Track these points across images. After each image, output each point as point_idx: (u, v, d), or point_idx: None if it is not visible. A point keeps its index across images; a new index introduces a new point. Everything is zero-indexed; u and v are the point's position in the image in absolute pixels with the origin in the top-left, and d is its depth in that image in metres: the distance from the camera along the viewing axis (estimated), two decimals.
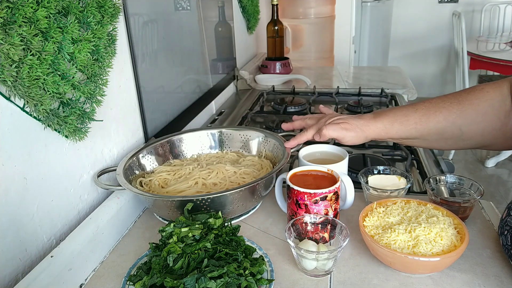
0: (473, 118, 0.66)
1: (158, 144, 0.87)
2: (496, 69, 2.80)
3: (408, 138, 0.72)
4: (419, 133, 0.70)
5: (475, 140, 0.69)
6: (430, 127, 0.69)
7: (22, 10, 0.52)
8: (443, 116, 0.68)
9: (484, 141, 0.68)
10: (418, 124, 0.69)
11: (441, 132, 0.69)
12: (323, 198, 0.64)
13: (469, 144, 0.70)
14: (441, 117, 0.68)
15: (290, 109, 1.39)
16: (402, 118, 0.71)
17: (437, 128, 0.68)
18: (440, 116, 0.68)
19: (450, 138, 0.69)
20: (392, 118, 0.71)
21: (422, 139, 0.71)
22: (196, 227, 0.60)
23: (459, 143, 0.70)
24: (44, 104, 0.58)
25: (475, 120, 0.66)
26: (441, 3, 3.81)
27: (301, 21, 2.17)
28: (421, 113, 0.69)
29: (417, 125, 0.70)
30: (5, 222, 0.55)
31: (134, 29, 0.86)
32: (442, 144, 0.72)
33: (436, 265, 0.57)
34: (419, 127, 0.69)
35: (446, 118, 0.67)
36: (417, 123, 0.69)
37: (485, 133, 0.67)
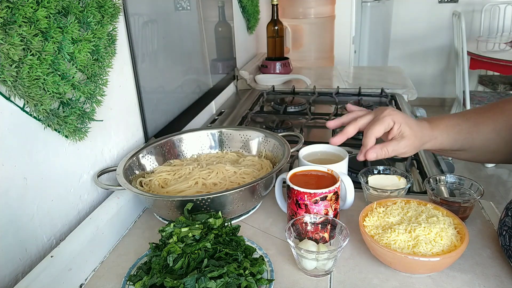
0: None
1: (158, 144, 0.87)
2: (496, 69, 2.80)
3: (458, 150, 0.70)
4: (470, 144, 0.68)
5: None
6: (481, 137, 0.67)
7: (22, 10, 0.52)
8: (491, 126, 0.67)
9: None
10: (470, 134, 0.67)
11: (488, 144, 0.67)
12: (323, 198, 0.64)
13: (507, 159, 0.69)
14: (490, 128, 0.67)
15: (290, 109, 1.39)
16: (456, 127, 0.68)
17: (487, 139, 0.67)
18: (489, 127, 0.67)
19: (495, 151, 0.68)
20: (447, 127, 0.68)
21: (470, 151, 0.70)
22: (196, 227, 0.60)
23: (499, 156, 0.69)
24: (44, 104, 0.58)
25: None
26: (441, 3, 3.81)
27: (301, 21, 2.17)
28: (472, 123, 0.68)
29: (469, 135, 0.68)
30: (5, 222, 0.55)
31: (134, 29, 0.86)
32: (486, 157, 0.70)
33: (436, 265, 0.57)
34: (470, 137, 0.68)
35: (494, 128, 0.66)
36: (469, 132, 0.67)
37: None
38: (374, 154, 0.66)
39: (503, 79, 3.26)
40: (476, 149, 0.69)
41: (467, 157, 0.73)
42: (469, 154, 0.71)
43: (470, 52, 2.84)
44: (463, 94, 2.82)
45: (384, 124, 0.66)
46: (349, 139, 0.72)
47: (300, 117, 1.34)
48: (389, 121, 0.66)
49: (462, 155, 0.72)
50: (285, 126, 1.23)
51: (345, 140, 0.71)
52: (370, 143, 0.66)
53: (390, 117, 0.66)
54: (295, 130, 1.20)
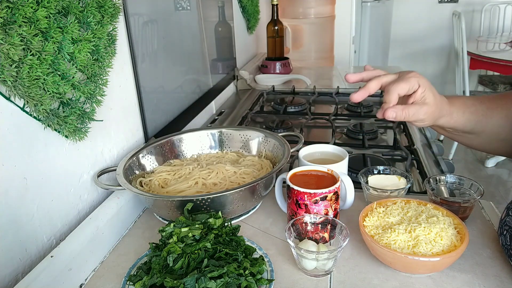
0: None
1: (158, 144, 0.87)
2: (496, 69, 2.80)
3: (469, 132, 0.69)
4: (482, 127, 0.67)
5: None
6: (493, 123, 0.67)
7: (22, 10, 0.52)
8: (505, 113, 0.66)
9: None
10: (484, 116, 0.66)
11: (500, 131, 0.67)
12: (323, 198, 0.64)
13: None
14: (503, 114, 0.66)
15: (290, 109, 1.39)
16: (471, 107, 0.67)
17: (498, 125, 0.66)
18: (502, 113, 0.66)
19: (504, 139, 0.68)
20: (463, 106, 0.67)
21: (480, 136, 0.69)
22: (196, 227, 0.60)
23: (507, 147, 0.68)
24: (44, 104, 0.58)
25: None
26: (441, 3, 3.81)
27: (301, 21, 2.17)
28: (486, 106, 0.67)
29: (483, 117, 0.66)
30: (5, 222, 0.55)
31: (134, 29, 0.86)
32: (494, 145, 0.70)
33: (436, 265, 0.57)
34: (484, 121, 0.67)
35: (507, 116, 0.66)
36: (484, 115, 0.67)
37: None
38: (394, 114, 0.61)
39: (503, 79, 3.26)
40: (486, 134, 0.68)
41: (476, 143, 0.71)
42: (479, 139, 0.69)
43: (470, 52, 2.84)
44: (463, 94, 2.82)
45: (409, 83, 0.62)
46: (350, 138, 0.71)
47: (300, 117, 1.34)
48: (414, 83, 0.62)
49: (471, 140, 0.70)
50: (285, 126, 1.23)
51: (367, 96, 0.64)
52: (393, 99, 0.61)
53: (416, 79, 0.62)
54: (295, 130, 1.20)
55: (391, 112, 0.61)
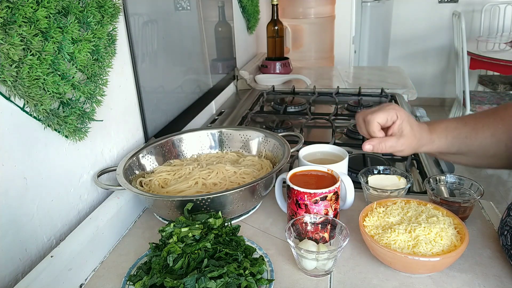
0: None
1: (158, 144, 0.87)
2: (496, 69, 2.80)
3: (455, 154, 0.70)
4: (468, 148, 0.68)
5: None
6: (479, 143, 0.67)
7: (22, 10, 0.52)
8: (490, 131, 0.67)
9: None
10: (468, 138, 0.68)
11: (488, 149, 0.67)
12: (323, 198, 0.64)
13: (509, 164, 0.69)
14: (489, 133, 0.67)
15: (290, 109, 1.39)
16: (455, 131, 0.68)
17: (485, 144, 0.67)
18: (487, 132, 0.67)
19: (494, 155, 0.68)
20: (445, 131, 0.69)
21: (467, 156, 0.70)
22: (196, 227, 0.60)
23: (501, 161, 0.69)
24: (44, 104, 0.58)
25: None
26: (441, 3, 3.81)
27: (301, 21, 2.17)
28: (470, 127, 0.68)
29: (467, 139, 0.68)
30: (5, 222, 0.55)
31: (134, 29, 0.86)
32: (485, 161, 0.70)
33: (436, 265, 0.57)
34: (468, 142, 0.68)
35: (493, 134, 0.66)
36: (467, 137, 0.68)
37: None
38: (370, 146, 0.66)
39: (503, 79, 3.26)
40: (474, 153, 0.69)
41: (466, 162, 0.73)
42: (468, 158, 0.71)
43: (470, 52, 2.84)
44: (463, 94, 2.82)
45: (387, 114, 0.66)
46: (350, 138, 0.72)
47: (300, 117, 1.34)
48: (393, 114, 0.66)
49: (460, 159, 0.72)
50: (285, 126, 1.23)
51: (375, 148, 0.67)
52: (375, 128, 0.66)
53: (394, 110, 0.66)
54: (295, 130, 1.20)
55: (367, 145, 0.66)
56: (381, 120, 0.66)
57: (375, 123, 0.66)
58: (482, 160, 0.70)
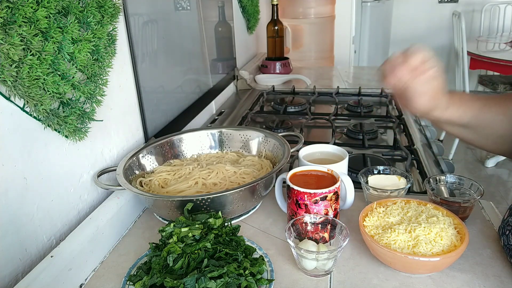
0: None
1: (158, 144, 0.87)
2: (496, 69, 2.80)
3: (464, 126, 0.69)
4: (478, 122, 0.67)
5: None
6: (490, 118, 0.67)
7: (22, 10, 0.52)
8: (502, 109, 0.66)
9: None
10: (481, 111, 0.67)
11: (497, 127, 0.67)
12: (323, 198, 0.64)
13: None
14: (501, 110, 0.66)
15: (290, 109, 1.39)
16: (468, 102, 0.67)
17: (495, 120, 0.67)
18: (499, 109, 0.66)
19: (501, 135, 0.67)
20: (459, 101, 0.67)
21: (476, 131, 0.69)
22: (196, 227, 0.60)
23: (505, 144, 0.68)
24: (44, 104, 0.58)
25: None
26: (441, 3, 3.81)
27: (301, 21, 2.17)
28: (483, 102, 0.67)
29: (480, 111, 0.67)
30: (5, 222, 0.55)
31: (134, 29, 0.86)
32: (490, 141, 0.70)
33: (436, 265, 0.57)
34: (480, 116, 0.67)
35: (504, 112, 0.66)
36: (480, 109, 0.67)
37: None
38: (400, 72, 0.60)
39: (503, 79, 3.26)
40: (483, 129, 0.68)
41: (472, 138, 0.71)
42: (475, 134, 0.69)
43: (470, 52, 2.84)
44: None
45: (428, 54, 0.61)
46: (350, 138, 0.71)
47: (300, 117, 1.34)
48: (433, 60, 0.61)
49: (468, 134, 0.70)
50: (285, 126, 1.23)
51: None
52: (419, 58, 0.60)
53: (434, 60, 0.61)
54: (295, 130, 1.20)
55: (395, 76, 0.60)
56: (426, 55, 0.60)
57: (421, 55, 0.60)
58: (489, 139, 0.69)
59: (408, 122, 1.22)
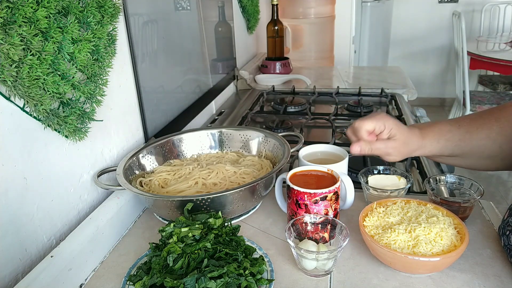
0: (511, 135, 0.65)
1: (158, 144, 0.87)
2: (496, 69, 2.80)
3: (449, 156, 0.70)
4: (461, 150, 0.68)
5: (510, 160, 0.67)
6: (473, 145, 0.67)
7: (22, 10, 0.52)
8: (485, 133, 0.66)
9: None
10: (462, 141, 0.67)
11: (482, 150, 0.67)
12: (323, 198, 0.64)
13: (505, 164, 0.69)
14: (483, 134, 0.66)
15: (290, 109, 1.39)
16: (447, 134, 0.68)
17: (479, 145, 0.67)
18: (482, 133, 0.66)
19: (489, 157, 0.68)
20: (438, 134, 0.69)
21: (462, 157, 0.70)
22: (196, 227, 0.60)
23: (496, 163, 0.69)
24: (44, 104, 0.58)
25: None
26: (441, 3, 3.81)
27: (301, 21, 2.17)
28: (464, 130, 0.68)
29: (461, 142, 0.67)
30: (5, 222, 0.55)
31: (134, 29, 0.86)
32: (480, 163, 0.70)
33: (436, 265, 0.57)
34: (462, 144, 0.68)
35: (488, 136, 0.66)
36: (461, 139, 0.67)
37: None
38: (358, 148, 0.68)
39: (503, 79, 3.26)
40: (468, 155, 0.69)
41: (460, 163, 0.73)
42: (462, 160, 0.70)
43: (470, 52, 2.84)
44: (463, 94, 2.82)
45: (375, 121, 0.68)
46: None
47: (300, 117, 1.34)
48: (380, 124, 0.68)
49: (455, 161, 0.72)
50: (285, 126, 1.23)
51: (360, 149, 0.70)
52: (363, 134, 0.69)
53: (382, 120, 0.68)
54: (295, 130, 1.20)
55: (355, 147, 0.68)
56: (369, 127, 0.68)
57: (363, 130, 0.68)
58: (477, 162, 0.70)
59: (408, 122, 1.22)
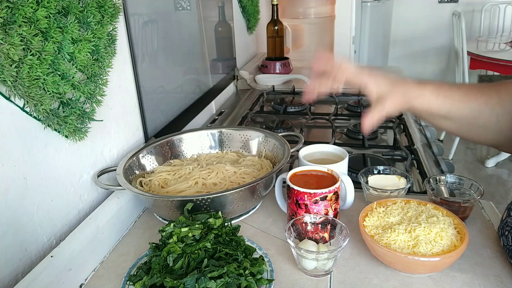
0: (509, 108, 0.63)
1: (158, 144, 0.87)
2: (496, 69, 2.80)
3: (444, 117, 0.67)
4: (459, 112, 0.66)
5: (504, 134, 0.65)
6: (471, 108, 0.65)
7: (22, 10, 0.52)
8: (484, 99, 0.65)
9: (510, 137, 0.65)
10: (461, 101, 0.65)
11: (479, 116, 0.65)
12: (323, 198, 0.64)
13: (496, 138, 0.67)
14: (482, 100, 0.65)
15: (290, 109, 1.39)
16: (447, 91, 0.66)
17: (477, 110, 0.65)
18: (481, 99, 0.65)
19: (484, 126, 0.66)
20: (437, 89, 0.66)
21: (457, 121, 0.67)
22: (196, 227, 0.60)
23: (489, 134, 0.67)
24: (44, 104, 0.58)
25: (511, 110, 0.63)
26: (441, 3, 3.81)
27: (301, 21, 2.17)
28: (464, 92, 0.66)
29: (459, 102, 0.65)
30: (5, 222, 0.55)
31: (134, 29, 0.86)
32: (472, 131, 0.68)
33: (436, 265, 0.57)
34: (460, 105, 0.65)
35: (486, 102, 0.64)
36: (459, 100, 0.65)
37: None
38: (369, 125, 0.64)
39: (503, 79, 3.26)
40: (463, 119, 0.66)
41: (454, 128, 0.70)
42: (457, 125, 0.68)
43: (470, 52, 2.84)
44: None
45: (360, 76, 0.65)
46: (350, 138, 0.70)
47: (300, 117, 1.34)
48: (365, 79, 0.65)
49: (449, 125, 0.69)
50: (285, 126, 1.23)
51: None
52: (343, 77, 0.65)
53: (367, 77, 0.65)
54: (295, 130, 1.20)
55: (367, 124, 0.64)
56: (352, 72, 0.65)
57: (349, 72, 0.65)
58: (471, 129, 0.68)
59: (408, 122, 1.22)
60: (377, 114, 0.64)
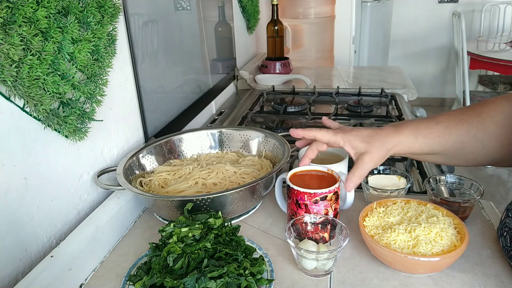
0: (493, 130, 0.63)
1: (158, 144, 0.87)
2: (496, 69, 2.80)
3: (429, 154, 0.68)
4: (442, 147, 0.66)
5: (493, 156, 0.65)
6: (453, 141, 0.65)
7: (22, 10, 0.52)
8: (465, 129, 0.64)
9: (501, 156, 0.65)
10: (441, 137, 0.65)
11: (463, 146, 0.65)
12: (323, 198, 0.64)
13: (487, 160, 0.67)
14: (463, 130, 0.64)
15: (290, 109, 1.39)
16: (425, 130, 0.66)
17: (460, 141, 0.65)
18: (461, 129, 0.64)
19: (470, 153, 0.66)
20: (415, 131, 0.66)
21: (443, 155, 0.67)
22: (196, 227, 0.60)
23: (478, 158, 0.67)
24: (44, 104, 0.58)
25: (495, 132, 0.63)
26: (441, 3, 3.81)
27: (301, 21, 2.17)
28: (443, 126, 0.65)
29: (440, 138, 0.65)
30: (5, 222, 0.55)
31: (134, 29, 0.86)
32: (461, 160, 0.68)
33: (436, 265, 0.57)
34: (441, 141, 0.65)
35: (467, 131, 0.64)
36: (439, 136, 0.65)
37: (504, 147, 0.64)
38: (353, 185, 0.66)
39: (503, 79, 3.26)
40: (449, 152, 0.66)
41: (443, 161, 0.71)
42: (443, 157, 0.68)
43: (470, 52, 2.84)
44: (463, 94, 2.82)
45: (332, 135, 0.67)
46: None
47: (300, 117, 1.34)
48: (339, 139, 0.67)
49: (437, 159, 0.70)
50: (285, 126, 1.23)
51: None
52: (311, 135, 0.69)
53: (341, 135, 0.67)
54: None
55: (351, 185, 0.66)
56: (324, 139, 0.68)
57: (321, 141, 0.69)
58: (459, 158, 0.68)
59: None
60: (358, 174, 0.66)
